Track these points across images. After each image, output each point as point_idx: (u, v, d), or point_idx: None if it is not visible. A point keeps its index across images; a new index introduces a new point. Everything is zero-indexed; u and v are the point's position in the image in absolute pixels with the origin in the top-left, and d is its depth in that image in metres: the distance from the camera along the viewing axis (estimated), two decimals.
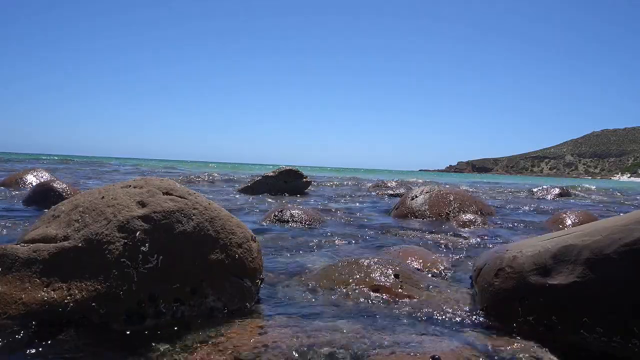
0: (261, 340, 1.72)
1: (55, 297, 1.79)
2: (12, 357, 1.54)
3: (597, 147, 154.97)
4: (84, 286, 1.81)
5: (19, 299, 1.78)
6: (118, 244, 1.88)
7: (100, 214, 1.99)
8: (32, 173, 6.98)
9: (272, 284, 2.46)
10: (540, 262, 1.93)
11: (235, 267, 2.13)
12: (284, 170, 8.86)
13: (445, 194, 5.42)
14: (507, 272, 2.04)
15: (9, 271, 1.85)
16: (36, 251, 1.89)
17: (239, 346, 1.67)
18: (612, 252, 1.74)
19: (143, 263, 1.89)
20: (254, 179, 8.99)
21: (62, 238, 1.94)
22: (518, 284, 1.97)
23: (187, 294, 1.96)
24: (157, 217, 1.98)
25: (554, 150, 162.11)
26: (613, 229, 1.81)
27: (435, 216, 5.11)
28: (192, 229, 2.04)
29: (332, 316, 1.99)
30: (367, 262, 2.58)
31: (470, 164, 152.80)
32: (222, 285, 2.07)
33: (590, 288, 1.76)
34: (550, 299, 1.85)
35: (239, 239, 2.19)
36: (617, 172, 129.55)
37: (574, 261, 1.83)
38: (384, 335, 1.77)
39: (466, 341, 1.74)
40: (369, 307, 2.11)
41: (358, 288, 2.35)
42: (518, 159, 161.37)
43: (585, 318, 1.76)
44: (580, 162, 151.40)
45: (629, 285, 1.70)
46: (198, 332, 1.79)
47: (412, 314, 2.04)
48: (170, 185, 2.19)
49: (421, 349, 1.64)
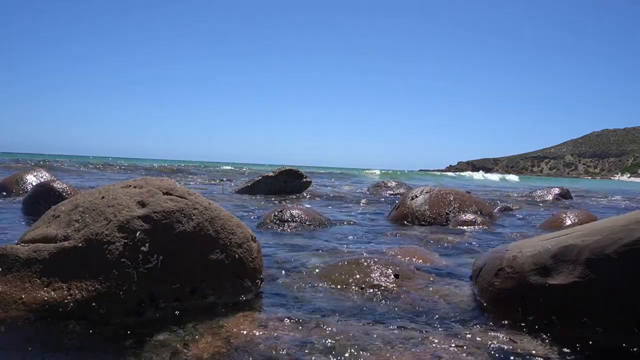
0: (261, 332, 1.74)
1: (56, 297, 1.79)
2: (12, 356, 1.54)
3: (597, 147, 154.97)
4: (84, 286, 1.81)
5: (19, 299, 1.78)
6: (118, 244, 1.88)
7: (100, 214, 1.99)
8: (32, 173, 6.97)
9: (272, 284, 2.46)
10: (541, 262, 1.93)
11: (235, 267, 2.13)
12: (284, 170, 8.85)
13: (445, 194, 5.42)
14: (507, 272, 2.04)
15: (9, 271, 1.85)
16: (36, 251, 1.88)
17: (238, 337, 1.69)
18: (612, 252, 1.74)
19: (143, 263, 1.89)
20: (254, 179, 8.98)
21: (62, 238, 1.93)
22: (518, 283, 1.97)
23: (187, 294, 1.96)
24: (157, 217, 1.98)
25: (553, 150, 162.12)
26: (613, 229, 1.81)
27: (435, 216, 5.11)
28: (192, 229, 2.04)
29: (332, 313, 2.00)
30: (367, 261, 2.58)
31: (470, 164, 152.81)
32: (222, 285, 2.07)
33: (590, 288, 1.76)
34: (550, 299, 1.85)
35: (239, 239, 2.19)
36: (617, 172, 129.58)
37: (574, 261, 1.83)
38: (383, 332, 1.78)
39: (466, 340, 1.74)
40: (369, 306, 2.11)
41: (358, 287, 2.36)
42: (518, 159, 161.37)
43: (586, 318, 1.76)
44: (580, 162, 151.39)
45: (629, 285, 1.70)
46: (198, 323, 1.81)
47: (412, 312, 2.04)
48: (170, 185, 2.19)
49: (421, 346, 1.65)
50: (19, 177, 6.86)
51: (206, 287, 2.02)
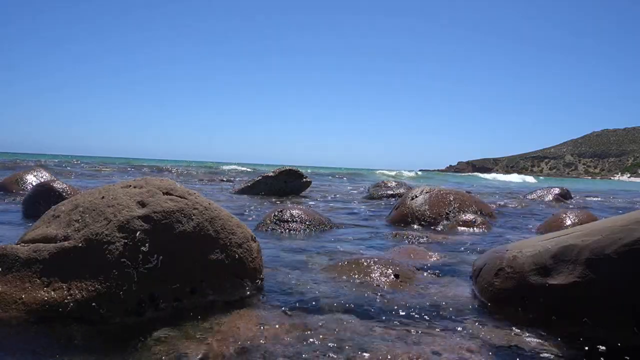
0: (261, 332, 1.74)
1: (56, 297, 1.79)
2: (12, 356, 1.54)
3: (597, 147, 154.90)
4: (84, 286, 1.81)
5: (19, 299, 1.78)
6: (118, 244, 1.88)
7: (100, 214, 1.99)
8: (32, 173, 6.97)
9: (272, 283, 2.46)
10: (540, 262, 1.93)
11: (235, 267, 2.13)
12: (284, 170, 8.85)
13: (445, 194, 5.42)
14: (507, 272, 2.04)
15: (9, 271, 1.85)
16: (36, 251, 1.89)
17: (239, 335, 1.70)
18: (612, 252, 1.74)
19: (143, 263, 1.89)
20: (254, 179, 8.98)
21: (62, 238, 1.93)
22: (518, 283, 1.97)
23: (187, 293, 1.96)
24: (157, 217, 1.98)
25: (553, 150, 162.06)
26: (613, 229, 1.81)
27: (435, 216, 5.11)
28: (192, 229, 2.04)
29: (332, 312, 2.00)
30: (367, 261, 2.58)
31: (470, 164, 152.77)
32: (222, 285, 2.07)
33: (590, 288, 1.76)
34: (550, 299, 1.85)
35: (238, 239, 2.19)
36: (617, 172, 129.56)
37: (574, 261, 1.83)
38: (383, 331, 1.78)
39: (466, 339, 1.74)
40: (369, 305, 2.11)
41: (358, 287, 2.36)
42: (518, 159, 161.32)
43: (586, 318, 1.76)
44: (580, 162, 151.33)
45: (629, 285, 1.70)
46: (198, 323, 1.81)
47: (412, 311, 2.04)
48: (170, 185, 2.19)
49: (421, 345, 1.65)
50: (19, 177, 6.86)
51: (206, 287, 2.02)
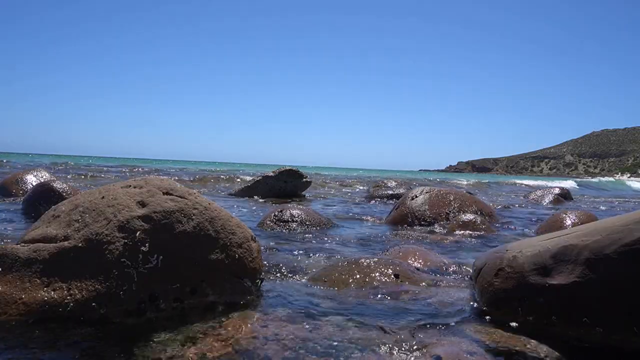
0: (262, 332, 1.75)
1: (55, 297, 1.79)
2: (12, 356, 1.54)
3: (597, 147, 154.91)
4: (84, 286, 1.81)
5: (19, 299, 1.78)
6: (118, 244, 1.88)
7: (100, 214, 1.99)
8: (32, 173, 6.97)
9: (272, 283, 2.46)
10: (540, 262, 1.93)
11: (235, 267, 2.13)
12: (284, 170, 8.85)
13: (445, 194, 5.42)
14: (507, 272, 2.04)
15: (9, 271, 1.85)
16: (36, 251, 1.89)
17: (239, 337, 1.70)
18: (612, 252, 1.74)
19: (143, 263, 1.89)
20: (254, 179, 8.98)
21: (62, 238, 1.94)
22: (518, 283, 1.97)
23: (187, 293, 1.96)
24: (157, 217, 1.98)
25: (553, 150, 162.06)
26: (613, 229, 1.81)
27: (436, 216, 5.11)
28: (192, 229, 2.04)
29: (332, 313, 2.00)
30: (367, 262, 2.58)
31: (470, 164, 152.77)
32: (222, 285, 2.07)
33: (590, 288, 1.76)
34: (550, 299, 1.85)
35: (239, 239, 2.19)
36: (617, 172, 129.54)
37: (574, 261, 1.83)
38: (384, 331, 1.78)
39: (466, 340, 1.74)
40: (369, 305, 2.11)
41: (358, 287, 2.36)
42: (518, 159, 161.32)
43: (585, 318, 1.76)
44: (580, 162, 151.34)
45: (629, 285, 1.70)
46: (198, 323, 1.81)
47: (412, 312, 2.04)
48: (171, 185, 2.19)
49: (422, 346, 1.65)
50: (19, 177, 6.86)
51: (206, 287, 2.02)
